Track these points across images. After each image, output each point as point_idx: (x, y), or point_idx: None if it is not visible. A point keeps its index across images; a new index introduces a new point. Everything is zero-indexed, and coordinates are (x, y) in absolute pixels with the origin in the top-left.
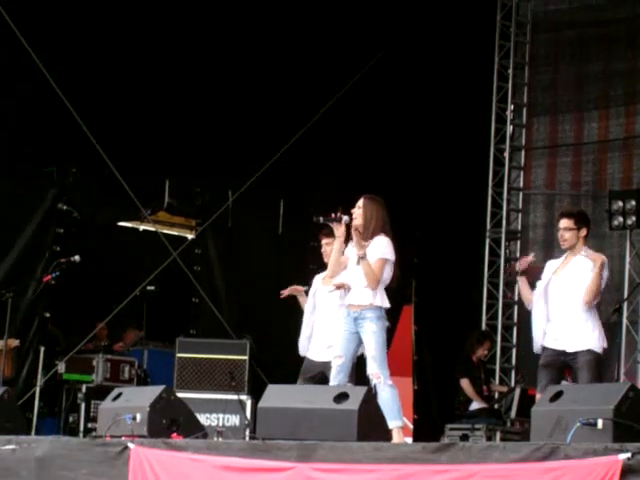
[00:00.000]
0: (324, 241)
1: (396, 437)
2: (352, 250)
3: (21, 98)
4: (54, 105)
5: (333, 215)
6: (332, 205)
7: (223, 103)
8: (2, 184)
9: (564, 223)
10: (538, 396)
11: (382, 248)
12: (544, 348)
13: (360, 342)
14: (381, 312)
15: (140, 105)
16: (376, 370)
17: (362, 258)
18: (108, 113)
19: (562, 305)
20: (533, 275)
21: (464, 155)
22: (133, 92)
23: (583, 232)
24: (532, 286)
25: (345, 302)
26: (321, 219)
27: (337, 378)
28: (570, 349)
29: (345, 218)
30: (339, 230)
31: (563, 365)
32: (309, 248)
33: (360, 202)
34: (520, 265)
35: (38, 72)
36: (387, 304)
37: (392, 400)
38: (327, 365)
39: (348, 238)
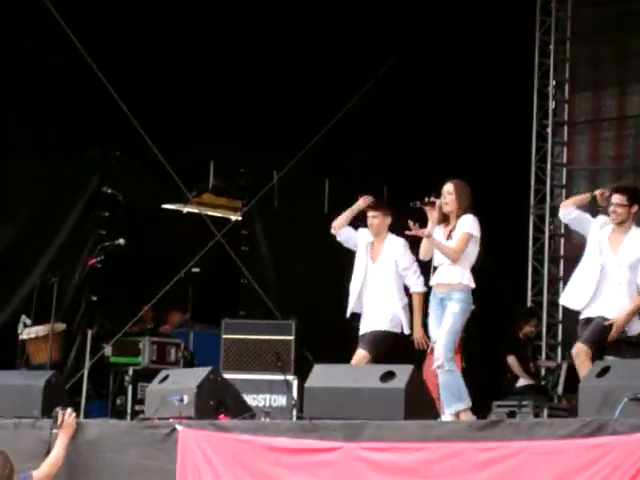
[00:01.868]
0: (371, 214)
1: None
2: (439, 232)
3: (63, 83)
4: (96, 88)
5: (426, 199)
6: (377, 183)
7: (267, 82)
8: (46, 169)
9: (617, 199)
10: (577, 346)
11: (468, 224)
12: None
13: None
14: (468, 294)
15: (183, 86)
16: (440, 351)
17: (428, 237)
18: (151, 95)
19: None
20: None
21: (507, 132)
22: (176, 73)
23: (634, 209)
24: None
25: (432, 282)
26: (418, 203)
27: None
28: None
29: (438, 201)
30: (432, 214)
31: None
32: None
33: (450, 188)
34: None
35: (80, 57)
36: (473, 284)
37: (450, 383)
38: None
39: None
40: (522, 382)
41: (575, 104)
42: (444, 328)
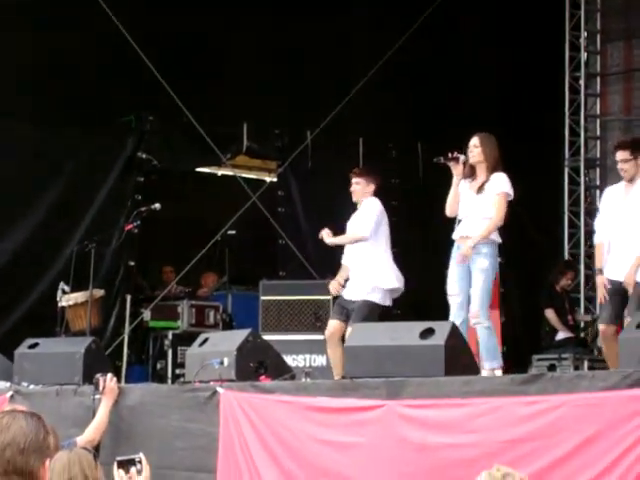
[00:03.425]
0: (353, 180)
1: None
2: (465, 185)
3: (96, 49)
4: (129, 55)
5: (450, 155)
6: (411, 139)
7: (297, 42)
8: (81, 135)
9: (620, 155)
10: (601, 327)
11: (504, 183)
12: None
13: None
14: (495, 248)
15: (214, 50)
16: (476, 309)
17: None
18: (182, 59)
19: (623, 236)
20: None
21: (539, 85)
22: (207, 37)
23: None
24: None
25: (456, 234)
26: (441, 159)
27: (459, 315)
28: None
29: (462, 157)
30: (457, 169)
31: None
32: (390, 185)
33: (476, 141)
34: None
35: (112, 24)
36: (500, 239)
37: (487, 340)
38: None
39: None
40: (561, 335)
41: (607, 55)
42: (477, 286)
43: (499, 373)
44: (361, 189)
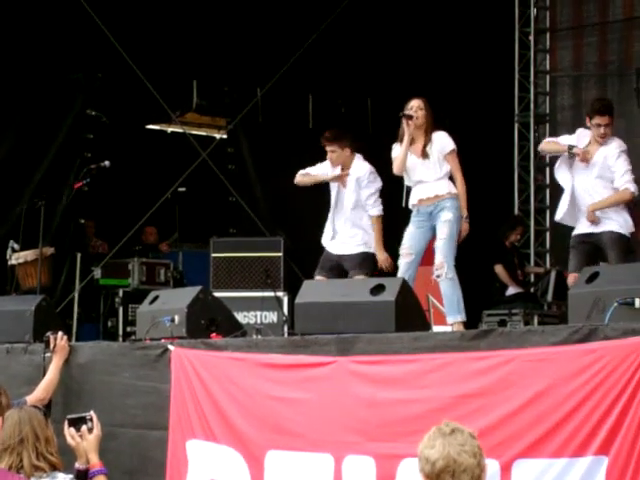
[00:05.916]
0: (328, 148)
1: None
2: (410, 155)
3: (45, 6)
4: (78, 12)
5: (407, 112)
6: (360, 97)
7: None
8: (30, 92)
9: (605, 120)
10: (570, 278)
11: (449, 140)
12: (574, 235)
13: (430, 237)
14: (457, 201)
15: (163, 6)
16: (441, 260)
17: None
18: (131, 16)
19: (592, 195)
20: None
21: (489, 41)
22: None
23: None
24: None
25: (413, 200)
26: (405, 114)
27: (407, 274)
28: (597, 230)
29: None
30: (411, 128)
31: (591, 246)
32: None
33: (420, 104)
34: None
35: None
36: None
37: (451, 293)
38: (342, 257)
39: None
40: (511, 290)
41: (557, 10)
42: (441, 237)
43: (461, 328)
44: (337, 155)
